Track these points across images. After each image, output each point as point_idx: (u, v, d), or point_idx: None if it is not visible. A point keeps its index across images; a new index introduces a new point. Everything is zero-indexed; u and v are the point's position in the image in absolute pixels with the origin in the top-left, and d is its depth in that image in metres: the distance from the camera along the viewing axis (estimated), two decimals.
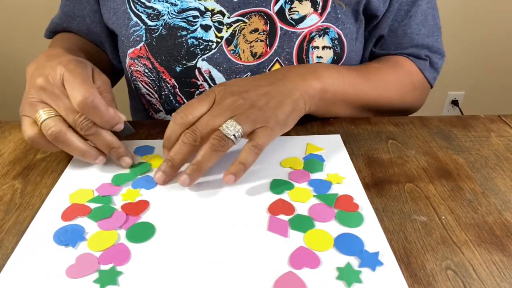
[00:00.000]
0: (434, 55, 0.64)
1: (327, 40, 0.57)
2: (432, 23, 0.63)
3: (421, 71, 0.64)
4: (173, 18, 0.56)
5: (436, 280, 0.33)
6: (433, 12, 0.63)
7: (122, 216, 0.39)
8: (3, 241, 0.37)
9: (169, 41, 0.57)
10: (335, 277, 0.33)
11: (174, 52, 0.57)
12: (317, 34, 0.57)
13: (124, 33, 0.59)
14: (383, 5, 0.59)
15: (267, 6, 0.56)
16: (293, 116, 0.48)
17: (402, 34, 0.62)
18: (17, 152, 0.50)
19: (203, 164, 0.42)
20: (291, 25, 0.56)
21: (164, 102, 0.62)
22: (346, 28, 0.58)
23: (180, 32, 0.56)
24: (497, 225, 0.39)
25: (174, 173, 0.44)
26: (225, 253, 0.35)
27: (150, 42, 0.57)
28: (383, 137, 0.52)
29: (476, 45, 1.82)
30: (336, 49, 0.58)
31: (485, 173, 0.46)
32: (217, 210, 0.40)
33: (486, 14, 1.75)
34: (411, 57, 0.64)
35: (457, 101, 1.96)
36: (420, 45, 0.63)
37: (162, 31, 0.57)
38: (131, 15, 0.57)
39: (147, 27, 0.57)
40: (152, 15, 0.57)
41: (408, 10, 0.61)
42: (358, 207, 0.40)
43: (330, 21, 0.57)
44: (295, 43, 0.57)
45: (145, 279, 0.33)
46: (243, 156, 0.42)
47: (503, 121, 0.56)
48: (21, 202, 0.42)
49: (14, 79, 1.80)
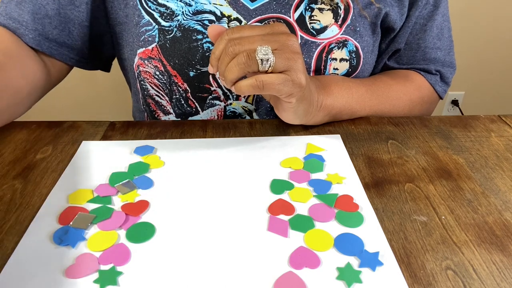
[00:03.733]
0: (446, 69, 0.65)
1: (345, 52, 0.57)
2: (447, 35, 0.63)
3: (432, 85, 0.64)
4: (187, 19, 0.54)
5: (436, 280, 0.33)
6: (448, 25, 0.63)
7: (122, 216, 0.39)
8: (3, 241, 0.37)
9: (184, 44, 0.55)
10: (335, 277, 0.33)
11: (188, 56, 0.55)
12: (336, 46, 0.57)
13: (133, 31, 0.57)
14: (399, 18, 0.58)
15: (287, 13, 0.55)
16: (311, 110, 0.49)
17: (416, 48, 0.62)
18: (17, 152, 0.50)
19: (226, 74, 0.42)
20: (312, 34, 0.56)
21: (175, 106, 0.60)
22: (364, 41, 0.58)
23: (196, 36, 0.55)
24: (497, 225, 0.39)
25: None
26: (225, 253, 0.35)
27: (164, 43, 0.55)
28: (383, 137, 0.52)
29: (476, 45, 1.82)
30: (353, 62, 0.58)
31: (485, 173, 0.46)
32: (217, 210, 0.40)
33: (486, 14, 1.74)
34: (422, 72, 0.64)
35: (457, 101, 1.96)
36: (433, 59, 0.63)
37: (176, 33, 0.55)
38: (142, 13, 0.55)
39: (161, 27, 0.55)
40: (166, 14, 0.55)
41: (424, 24, 0.61)
42: (358, 207, 0.40)
43: (349, 34, 0.57)
44: (314, 53, 0.56)
45: (145, 279, 0.33)
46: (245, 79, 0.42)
47: (503, 121, 0.56)
48: (21, 202, 0.42)
49: None
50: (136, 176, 0.45)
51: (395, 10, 0.58)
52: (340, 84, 0.55)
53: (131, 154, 0.49)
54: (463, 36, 1.79)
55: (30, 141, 0.52)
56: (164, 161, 0.47)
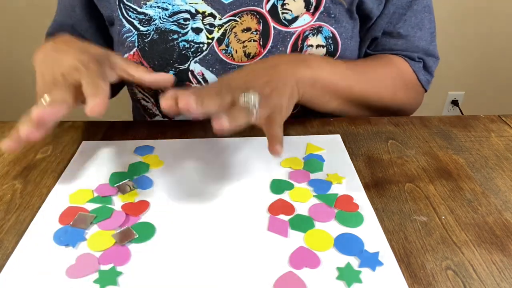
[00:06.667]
0: (429, 58, 0.64)
1: (321, 38, 0.57)
2: (428, 26, 0.62)
3: (415, 72, 0.63)
4: (164, 22, 0.56)
5: (436, 280, 0.33)
6: (429, 16, 0.62)
7: (122, 216, 0.39)
8: (3, 241, 0.37)
9: (161, 45, 0.56)
10: (335, 277, 0.33)
11: (166, 56, 0.57)
12: (310, 32, 0.57)
13: (118, 39, 0.59)
14: (376, 7, 0.58)
15: (260, 5, 0.55)
16: (291, 102, 0.48)
17: (396, 36, 0.62)
18: (17, 152, 0.50)
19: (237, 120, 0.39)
20: (284, 25, 0.56)
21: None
22: (341, 27, 0.58)
23: (171, 36, 0.56)
24: (497, 225, 0.39)
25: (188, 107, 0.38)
26: (225, 253, 0.35)
27: (143, 47, 0.57)
28: (383, 137, 0.52)
29: (476, 45, 1.82)
30: (330, 48, 0.58)
31: (485, 173, 0.46)
32: (217, 210, 0.40)
33: (486, 14, 1.74)
34: (406, 57, 0.63)
35: (457, 101, 1.96)
36: (415, 47, 0.62)
37: (153, 36, 0.56)
38: (124, 22, 0.57)
39: (139, 32, 0.57)
40: (144, 21, 0.56)
41: (403, 13, 0.60)
42: (358, 207, 0.40)
43: (323, 20, 0.57)
44: (289, 42, 0.57)
45: (145, 279, 0.33)
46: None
47: (503, 121, 0.56)
48: (21, 202, 0.42)
49: (14, 80, 1.80)
50: (136, 176, 0.45)
51: None
52: (321, 58, 0.55)
53: (131, 154, 0.49)
54: (463, 36, 1.79)
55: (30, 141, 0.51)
56: (164, 161, 0.47)
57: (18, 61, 1.76)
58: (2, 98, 1.86)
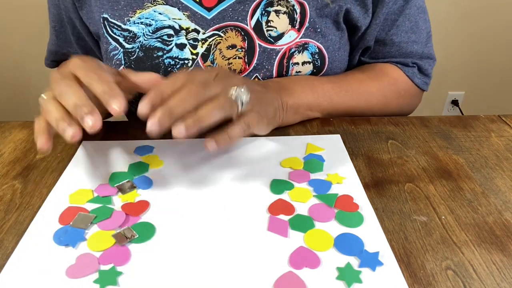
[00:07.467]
0: (424, 61, 0.63)
1: (307, 55, 0.57)
2: (423, 27, 0.62)
3: (410, 78, 0.63)
4: (148, 39, 0.56)
5: (436, 280, 0.33)
6: (424, 16, 0.61)
7: (122, 216, 0.39)
8: (3, 241, 0.37)
9: (147, 62, 0.56)
10: (335, 277, 0.33)
11: None
12: (296, 50, 0.56)
13: (106, 57, 0.59)
14: (363, 16, 0.57)
15: (243, 21, 0.55)
16: (273, 122, 0.49)
17: (390, 43, 0.61)
18: (17, 152, 0.50)
19: (205, 119, 0.39)
20: (270, 42, 0.56)
21: None
22: (328, 40, 0.57)
23: (156, 53, 0.56)
24: (497, 225, 0.39)
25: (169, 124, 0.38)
26: (225, 253, 0.35)
27: (129, 65, 0.57)
28: (383, 137, 0.52)
29: (476, 45, 1.82)
30: (316, 63, 0.58)
31: (485, 173, 0.46)
32: (217, 210, 0.40)
33: (486, 13, 1.74)
34: (399, 64, 0.63)
35: (457, 101, 1.96)
36: (409, 53, 0.62)
37: (139, 53, 0.56)
38: (109, 39, 0.57)
39: (125, 50, 0.57)
40: (128, 38, 0.56)
41: (395, 19, 0.59)
42: (358, 207, 0.40)
43: (309, 36, 0.56)
44: (275, 60, 0.56)
45: (145, 279, 0.33)
46: (232, 128, 0.42)
47: (503, 121, 0.56)
48: (21, 202, 0.42)
49: (14, 80, 1.80)
50: (136, 176, 0.45)
51: (357, 8, 0.56)
52: (303, 83, 0.55)
53: (131, 154, 0.49)
54: (463, 36, 1.79)
55: (30, 141, 0.52)
56: (164, 161, 0.47)
57: (18, 61, 1.76)
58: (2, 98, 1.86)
